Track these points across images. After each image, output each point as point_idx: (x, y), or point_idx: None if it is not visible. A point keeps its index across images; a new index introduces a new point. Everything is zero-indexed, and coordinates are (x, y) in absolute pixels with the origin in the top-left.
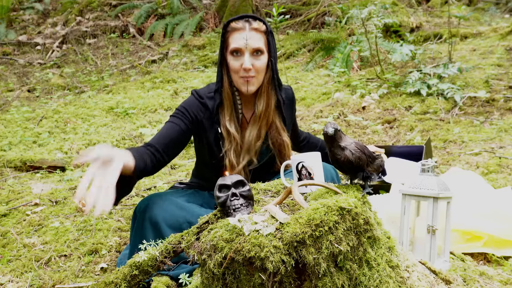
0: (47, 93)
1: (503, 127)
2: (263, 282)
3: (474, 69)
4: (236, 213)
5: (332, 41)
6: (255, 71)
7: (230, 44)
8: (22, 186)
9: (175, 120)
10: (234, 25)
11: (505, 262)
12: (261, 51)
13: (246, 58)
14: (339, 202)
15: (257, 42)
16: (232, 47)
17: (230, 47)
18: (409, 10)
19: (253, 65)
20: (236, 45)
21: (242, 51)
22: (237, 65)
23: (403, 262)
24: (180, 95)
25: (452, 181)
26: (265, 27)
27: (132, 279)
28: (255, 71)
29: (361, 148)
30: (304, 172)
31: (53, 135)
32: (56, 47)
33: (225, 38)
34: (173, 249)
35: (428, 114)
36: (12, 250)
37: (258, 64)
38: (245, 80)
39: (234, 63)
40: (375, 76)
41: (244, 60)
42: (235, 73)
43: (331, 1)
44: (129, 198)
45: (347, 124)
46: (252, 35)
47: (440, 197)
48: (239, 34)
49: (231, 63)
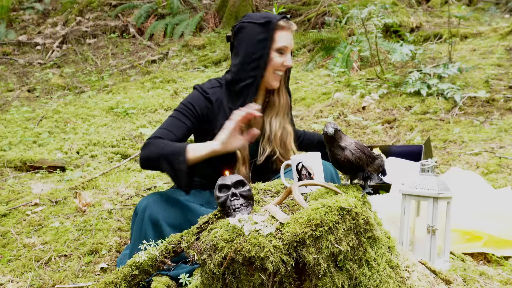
0: (47, 93)
1: (503, 127)
2: (263, 282)
3: (474, 69)
4: (236, 213)
5: (332, 41)
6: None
7: (278, 41)
8: (22, 186)
9: (182, 118)
10: (283, 23)
11: (505, 262)
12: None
13: (289, 57)
14: (339, 202)
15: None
16: (280, 45)
17: (277, 44)
18: (409, 10)
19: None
20: (284, 43)
21: (286, 49)
22: (280, 62)
23: (403, 262)
24: (180, 95)
25: (452, 181)
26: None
27: (132, 279)
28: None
29: (361, 148)
30: (304, 172)
31: (53, 135)
32: (56, 47)
33: (272, 35)
34: (173, 249)
35: (428, 114)
36: (12, 250)
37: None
38: (279, 77)
39: (278, 60)
40: (375, 76)
41: (286, 58)
42: (275, 69)
43: (331, 1)
44: (129, 198)
45: (347, 124)
46: (292, 36)
47: (440, 197)
48: (286, 33)
49: (275, 59)
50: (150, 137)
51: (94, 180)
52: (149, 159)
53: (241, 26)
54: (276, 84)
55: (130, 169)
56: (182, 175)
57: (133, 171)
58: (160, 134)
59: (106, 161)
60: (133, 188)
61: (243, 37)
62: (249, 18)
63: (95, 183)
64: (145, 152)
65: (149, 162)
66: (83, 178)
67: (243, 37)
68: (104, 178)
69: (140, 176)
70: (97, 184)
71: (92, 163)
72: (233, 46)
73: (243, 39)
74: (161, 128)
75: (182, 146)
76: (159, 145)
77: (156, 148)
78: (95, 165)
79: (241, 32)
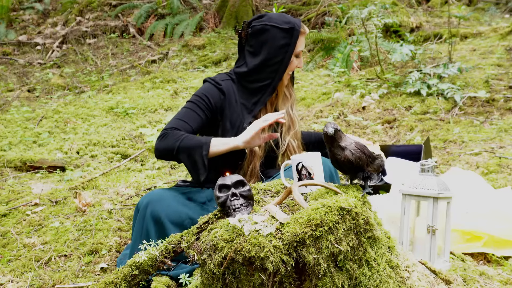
0: (47, 93)
1: (503, 127)
2: (263, 282)
3: (474, 69)
4: (236, 213)
5: (332, 41)
6: None
7: (298, 46)
8: (22, 186)
9: (197, 110)
10: (303, 30)
11: (505, 262)
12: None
13: (301, 59)
14: (339, 202)
15: None
16: (299, 49)
17: (297, 49)
18: (409, 10)
19: None
20: (302, 48)
21: (301, 53)
22: (295, 65)
23: (403, 262)
24: (180, 95)
25: (452, 181)
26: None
27: (132, 279)
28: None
29: (361, 148)
30: (304, 172)
31: (53, 135)
32: (56, 47)
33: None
34: (173, 249)
35: (428, 114)
36: (12, 250)
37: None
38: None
39: (294, 63)
40: (375, 76)
41: (300, 60)
42: (290, 70)
43: (331, 1)
44: (129, 198)
45: (347, 124)
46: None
47: (440, 197)
48: (303, 38)
49: (293, 63)
50: (166, 127)
51: (94, 180)
52: (167, 150)
53: (263, 28)
54: (286, 83)
55: (130, 169)
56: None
57: (133, 171)
58: (176, 125)
59: (106, 161)
60: (133, 188)
61: (266, 39)
62: (271, 21)
63: (95, 183)
64: (162, 142)
65: (167, 153)
66: (83, 178)
67: (266, 39)
68: (104, 178)
69: (140, 176)
70: (97, 184)
71: (92, 163)
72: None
73: (266, 41)
74: (177, 119)
75: (206, 141)
76: (178, 136)
77: (175, 140)
78: (95, 165)
79: (264, 34)
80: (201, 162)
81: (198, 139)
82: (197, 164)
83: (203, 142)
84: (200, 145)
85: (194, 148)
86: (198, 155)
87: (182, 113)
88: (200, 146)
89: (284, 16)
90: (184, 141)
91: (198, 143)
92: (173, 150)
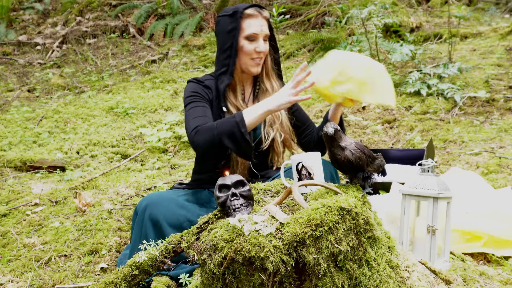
0: (47, 93)
1: (503, 127)
2: (263, 282)
3: (474, 69)
4: (236, 213)
5: (332, 41)
6: (264, 55)
7: (246, 29)
8: (22, 186)
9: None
10: (249, 11)
11: (505, 262)
12: (268, 37)
13: (261, 43)
14: (339, 202)
15: (268, 29)
16: (249, 32)
17: (245, 32)
18: (409, 10)
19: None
20: (253, 30)
21: (257, 36)
22: (251, 49)
23: (403, 262)
24: (180, 95)
25: (452, 181)
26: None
27: (132, 279)
28: (264, 55)
29: (361, 148)
30: (304, 172)
31: (53, 135)
32: (56, 47)
33: (239, 24)
34: (173, 249)
35: (428, 114)
36: (12, 250)
37: (267, 49)
38: (257, 63)
39: (249, 47)
40: None
41: (259, 44)
42: (248, 55)
43: (331, 1)
44: (129, 198)
45: (347, 124)
46: (264, 22)
47: (440, 197)
48: (254, 20)
49: (245, 46)
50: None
51: (94, 180)
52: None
53: (217, 21)
54: (256, 70)
55: (130, 169)
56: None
57: (133, 171)
58: (198, 122)
59: (106, 161)
60: (133, 188)
61: (218, 29)
62: (222, 12)
63: (95, 183)
64: (200, 138)
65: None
66: (83, 178)
67: (218, 29)
68: (104, 178)
69: (140, 176)
70: (97, 184)
71: (92, 163)
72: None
73: (218, 31)
74: (194, 118)
75: (239, 117)
76: (211, 126)
77: (210, 130)
78: (95, 165)
79: (217, 25)
80: (244, 141)
81: (230, 119)
82: (241, 144)
83: (238, 120)
84: (236, 123)
85: (232, 129)
86: (238, 134)
87: (194, 112)
88: (236, 124)
89: (236, 5)
90: (220, 126)
91: (233, 122)
92: (214, 139)
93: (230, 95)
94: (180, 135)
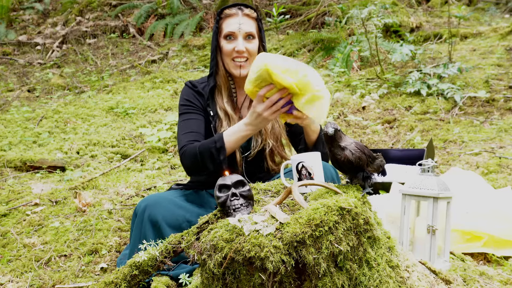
0: (47, 93)
1: (503, 127)
2: (263, 282)
3: (474, 69)
4: (236, 213)
5: (332, 41)
6: (248, 54)
7: (224, 29)
8: (22, 186)
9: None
10: (228, 11)
11: (505, 262)
12: (253, 35)
13: (240, 41)
14: (339, 202)
15: (249, 27)
16: (226, 31)
17: (223, 31)
18: (409, 10)
19: (246, 49)
20: (230, 29)
21: (235, 35)
22: (230, 48)
23: (403, 262)
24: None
25: (452, 181)
26: (256, 14)
27: (132, 279)
28: (248, 54)
29: (361, 148)
30: (304, 172)
31: (53, 135)
32: (56, 47)
33: (219, 25)
34: (173, 249)
35: (428, 114)
36: (12, 250)
37: (251, 47)
38: (238, 65)
39: (227, 47)
40: (375, 76)
41: (237, 43)
42: (228, 56)
43: (331, 1)
44: (129, 198)
45: (347, 124)
46: (245, 20)
47: (440, 197)
48: (232, 19)
49: (224, 46)
50: (181, 145)
51: (94, 180)
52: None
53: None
54: (237, 72)
55: (130, 169)
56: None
57: (133, 171)
58: (188, 138)
59: (106, 161)
60: (133, 188)
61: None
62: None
63: (95, 183)
64: (187, 160)
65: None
66: (83, 178)
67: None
68: (104, 178)
69: (140, 176)
70: (97, 184)
71: (92, 163)
72: None
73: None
74: (184, 134)
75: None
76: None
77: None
78: (95, 165)
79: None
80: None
81: (211, 144)
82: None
83: (218, 147)
84: (216, 149)
85: (212, 155)
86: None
87: (184, 126)
88: (216, 151)
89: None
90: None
91: (213, 149)
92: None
93: (218, 98)
94: None
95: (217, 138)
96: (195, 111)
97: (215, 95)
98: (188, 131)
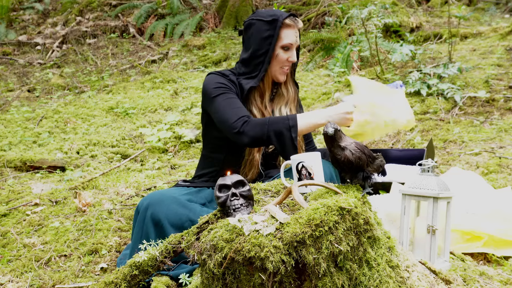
0: (47, 93)
1: (503, 127)
2: (263, 282)
3: (474, 69)
4: (236, 213)
5: (332, 41)
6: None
7: (283, 38)
8: (22, 186)
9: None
10: (288, 21)
11: (505, 262)
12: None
13: (294, 53)
14: (339, 202)
15: (299, 41)
16: (286, 42)
17: (283, 41)
18: (409, 10)
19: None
20: (290, 41)
21: (291, 46)
22: (285, 58)
23: (403, 262)
24: (180, 95)
25: (452, 181)
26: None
27: (132, 279)
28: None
29: (361, 148)
30: (304, 172)
31: (53, 135)
32: (56, 47)
33: (277, 32)
34: (173, 249)
35: (428, 114)
36: (12, 250)
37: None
38: (285, 72)
39: (283, 55)
40: (375, 76)
41: (292, 54)
42: (280, 64)
43: (331, 1)
44: (129, 198)
45: None
46: (298, 34)
47: (440, 197)
48: (291, 31)
49: (280, 55)
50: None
51: (94, 180)
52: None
53: (250, 23)
54: (282, 78)
55: (130, 169)
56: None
57: (133, 171)
58: (245, 112)
59: (106, 161)
60: (133, 188)
61: (252, 32)
62: (258, 15)
63: (95, 183)
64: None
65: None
66: (83, 178)
67: (252, 32)
68: (104, 178)
69: (140, 176)
70: (97, 184)
71: (92, 163)
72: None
73: (252, 34)
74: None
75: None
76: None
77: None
78: (95, 165)
79: (250, 28)
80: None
81: (283, 121)
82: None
83: (291, 125)
84: (289, 127)
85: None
86: (287, 137)
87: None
88: (289, 128)
89: (272, 11)
90: (272, 124)
91: (286, 125)
92: (263, 134)
93: (255, 98)
94: (180, 135)
95: (290, 117)
96: (233, 93)
97: (251, 94)
98: (237, 106)
